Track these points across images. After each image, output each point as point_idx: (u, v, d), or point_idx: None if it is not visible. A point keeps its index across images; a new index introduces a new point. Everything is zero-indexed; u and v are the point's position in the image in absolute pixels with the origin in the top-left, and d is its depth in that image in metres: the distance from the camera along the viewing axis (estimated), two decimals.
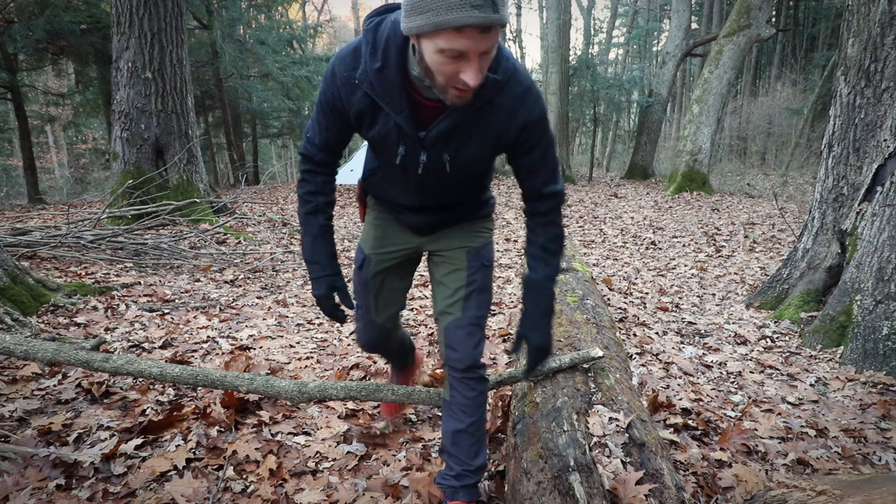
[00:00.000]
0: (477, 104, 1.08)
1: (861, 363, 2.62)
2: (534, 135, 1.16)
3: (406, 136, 1.14)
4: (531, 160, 1.21)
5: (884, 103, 3.05)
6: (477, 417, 1.37)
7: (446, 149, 1.16)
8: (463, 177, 1.26)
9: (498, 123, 1.13)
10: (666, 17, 20.57)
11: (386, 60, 1.05)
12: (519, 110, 1.12)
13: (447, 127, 1.11)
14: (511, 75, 1.09)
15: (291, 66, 12.30)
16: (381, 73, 1.06)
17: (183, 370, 1.83)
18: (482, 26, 0.87)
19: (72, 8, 8.14)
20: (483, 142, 1.16)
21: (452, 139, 1.14)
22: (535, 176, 1.24)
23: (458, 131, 1.13)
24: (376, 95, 1.09)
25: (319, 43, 22.76)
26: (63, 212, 5.82)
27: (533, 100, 1.13)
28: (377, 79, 1.07)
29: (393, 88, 1.07)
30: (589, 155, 16.39)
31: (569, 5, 12.73)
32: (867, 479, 1.12)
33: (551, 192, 1.26)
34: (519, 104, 1.11)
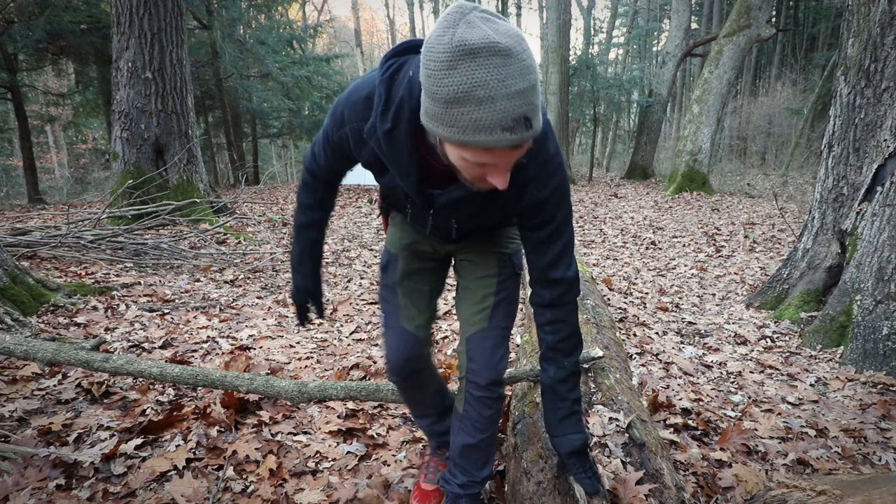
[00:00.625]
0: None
1: (861, 363, 2.62)
2: (544, 211, 1.06)
3: (413, 199, 1.09)
4: (538, 237, 1.09)
5: (884, 103, 3.05)
6: (490, 434, 1.32)
7: (454, 214, 1.12)
8: (475, 232, 1.25)
9: (505, 198, 1.03)
10: (666, 17, 20.57)
11: (396, 122, 0.94)
12: (528, 187, 1.01)
13: (457, 196, 1.03)
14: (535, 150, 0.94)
15: (291, 66, 12.30)
16: (391, 135, 0.96)
17: (183, 370, 1.83)
18: (515, 145, 0.80)
19: (72, 8, 8.14)
20: (493, 211, 1.11)
21: (461, 207, 1.09)
22: (542, 255, 1.11)
23: (468, 202, 1.05)
24: (384, 156, 1.00)
25: (319, 43, 22.77)
26: (63, 212, 5.82)
27: (546, 176, 1.02)
28: (385, 140, 0.97)
29: (402, 153, 0.97)
30: (589, 155, 16.39)
31: (569, 5, 12.73)
32: (867, 479, 1.12)
33: (557, 279, 1.11)
34: (533, 178, 1.01)
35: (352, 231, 6.63)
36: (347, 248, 5.58)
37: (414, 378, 1.37)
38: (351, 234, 6.34)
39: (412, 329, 1.32)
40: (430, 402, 1.48)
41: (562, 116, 12.77)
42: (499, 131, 0.76)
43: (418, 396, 1.46)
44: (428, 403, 1.48)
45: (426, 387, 1.44)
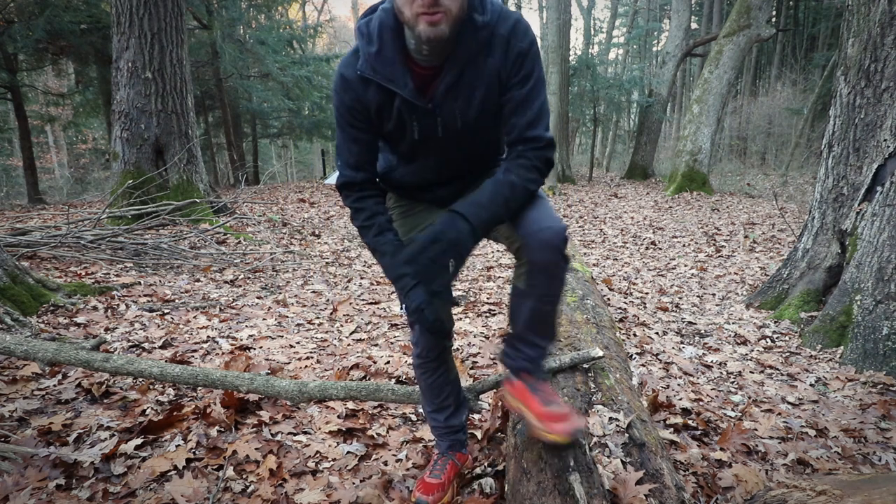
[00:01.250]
0: (473, 49, 1.12)
1: (861, 363, 2.62)
2: (526, 64, 1.15)
3: (416, 108, 1.17)
4: (520, 94, 1.17)
5: (884, 103, 3.05)
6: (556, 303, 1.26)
7: (456, 103, 1.18)
8: (479, 132, 1.25)
9: (496, 61, 1.15)
10: (666, 17, 20.58)
11: (382, 43, 1.12)
12: (512, 40, 1.14)
13: (452, 79, 1.14)
14: (499, 14, 1.13)
15: (291, 66, 12.29)
16: (380, 55, 1.13)
17: (183, 370, 1.83)
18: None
19: (72, 8, 8.13)
20: (489, 86, 1.17)
21: (460, 92, 1.16)
22: (521, 114, 1.18)
23: (463, 82, 1.15)
24: (380, 78, 1.14)
25: (319, 43, 22.76)
26: (63, 212, 5.82)
27: (523, 30, 1.15)
28: (377, 61, 1.13)
29: (394, 65, 1.12)
30: (589, 155, 16.39)
31: (569, 5, 12.73)
32: (867, 479, 1.12)
33: (537, 136, 1.19)
34: (511, 35, 1.14)
35: (352, 231, 6.63)
36: (347, 248, 5.58)
37: (441, 358, 1.45)
38: (351, 234, 6.34)
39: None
40: (450, 389, 1.52)
41: (562, 116, 12.77)
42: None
43: (441, 381, 1.49)
44: (448, 391, 1.51)
45: (449, 371, 1.49)
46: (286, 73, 11.94)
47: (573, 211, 9.05)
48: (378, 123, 1.22)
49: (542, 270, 1.18)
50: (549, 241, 1.14)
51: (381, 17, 1.12)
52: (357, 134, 1.23)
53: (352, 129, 1.22)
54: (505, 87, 1.18)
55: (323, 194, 10.09)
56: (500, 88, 1.18)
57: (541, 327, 1.30)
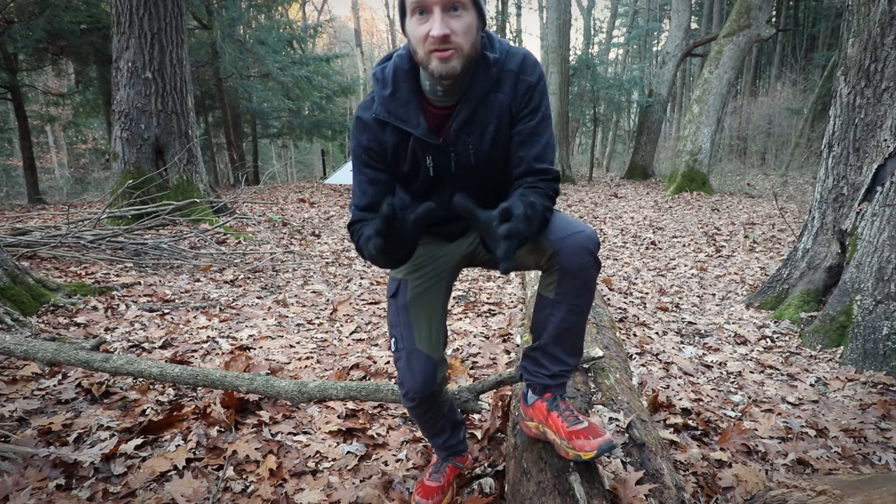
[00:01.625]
0: (485, 86, 1.16)
1: (861, 363, 2.62)
2: (534, 98, 1.18)
3: (430, 146, 1.20)
4: (528, 128, 1.19)
5: (884, 103, 3.05)
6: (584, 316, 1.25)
7: (470, 139, 1.20)
8: (491, 166, 1.25)
9: (506, 96, 1.18)
10: (666, 17, 20.57)
11: (396, 85, 1.17)
12: (521, 75, 1.17)
13: (465, 116, 1.17)
14: (507, 51, 1.18)
15: (291, 66, 12.29)
16: (393, 97, 1.17)
17: (183, 370, 1.83)
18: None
19: (72, 8, 8.13)
20: (500, 121, 1.19)
21: (473, 128, 1.19)
22: (530, 147, 1.20)
23: (476, 119, 1.18)
24: (394, 119, 1.18)
25: (319, 43, 22.76)
26: (63, 212, 5.82)
27: (531, 65, 1.18)
28: (391, 103, 1.18)
29: (407, 106, 1.17)
30: (589, 155, 16.39)
31: (569, 5, 12.73)
32: (867, 479, 1.12)
33: (542, 169, 1.20)
34: (520, 70, 1.17)
35: None
36: (347, 248, 5.58)
37: (430, 401, 1.34)
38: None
39: (427, 350, 1.29)
40: (444, 421, 1.46)
41: (562, 116, 12.77)
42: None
43: (433, 419, 1.42)
44: (443, 422, 1.45)
45: (441, 407, 1.41)
46: (286, 73, 11.94)
47: (573, 211, 9.05)
48: (394, 164, 1.25)
49: (575, 276, 1.17)
50: (583, 245, 1.14)
51: (396, 63, 1.17)
52: (374, 175, 1.24)
53: (369, 169, 1.24)
54: (515, 120, 1.20)
55: (323, 194, 10.09)
56: (510, 123, 1.20)
57: (568, 341, 1.27)
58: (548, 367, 1.30)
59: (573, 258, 1.15)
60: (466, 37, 1.07)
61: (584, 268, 1.15)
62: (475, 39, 1.10)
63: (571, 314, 1.21)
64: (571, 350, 1.29)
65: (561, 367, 1.29)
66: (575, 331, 1.26)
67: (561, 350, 1.28)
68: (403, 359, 1.29)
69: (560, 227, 1.17)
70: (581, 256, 1.14)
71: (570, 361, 1.30)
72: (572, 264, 1.15)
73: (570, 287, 1.18)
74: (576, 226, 1.17)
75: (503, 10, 20.82)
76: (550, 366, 1.29)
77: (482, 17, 1.11)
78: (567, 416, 1.27)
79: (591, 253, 1.15)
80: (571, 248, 1.14)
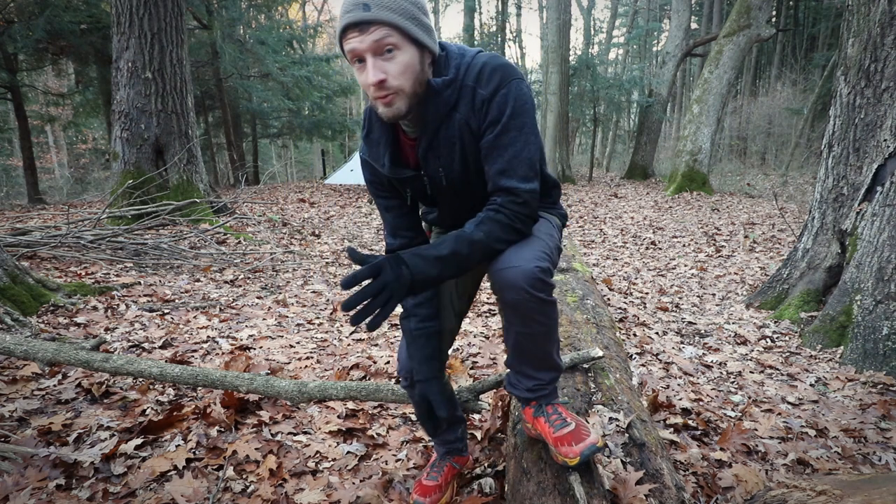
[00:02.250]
0: (442, 110, 1.12)
1: (861, 363, 2.62)
2: (491, 111, 1.10)
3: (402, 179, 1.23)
4: (487, 141, 1.12)
5: (884, 103, 3.05)
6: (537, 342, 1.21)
7: (439, 161, 1.18)
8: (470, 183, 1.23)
9: (463, 114, 1.12)
10: (666, 17, 20.58)
11: (370, 126, 1.21)
12: (477, 88, 1.10)
13: (427, 142, 1.16)
14: (467, 65, 1.11)
15: (291, 66, 12.30)
16: (368, 138, 1.23)
17: (183, 370, 1.83)
18: (355, 24, 1.00)
19: (72, 8, 8.13)
20: (462, 139, 1.14)
21: (439, 151, 1.17)
22: (492, 161, 1.13)
23: (439, 142, 1.16)
24: (371, 159, 1.23)
25: (319, 43, 22.75)
26: (63, 212, 5.82)
27: (487, 76, 1.09)
28: (368, 144, 1.23)
29: (378, 146, 1.21)
30: (589, 155, 16.39)
31: (569, 5, 12.73)
32: (867, 479, 1.12)
33: (509, 188, 1.11)
34: (476, 83, 1.10)
35: (352, 231, 6.63)
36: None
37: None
38: (351, 234, 6.34)
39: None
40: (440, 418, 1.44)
41: (562, 116, 12.77)
42: (344, 18, 1.01)
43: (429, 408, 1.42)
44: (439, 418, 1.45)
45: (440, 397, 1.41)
46: (286, 73, 11.95)
47: (573, 211, 9.05)
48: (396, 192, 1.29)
49: (513, 308, 1.12)
50: (512, 281, 1.07)
51: (370, 103, 1.16)
52: (386, 203, 1.30)
53: (380, 199, 1.30)
54: (479, 135, 1.15)
55: (323, 194, 10.09)
56: (475, 138, 1.15)
57: (531, 361, 1.26)
58: (523, 382, 1.30)
59: (506, 293, 1.10)
60: (404, 76, 1.03)
61: (519, 301, 1.09)
62: (418, 74, 1.05)
63: (524, 339, 1.19)
64: (539, 367, 1.27)
65: (535, 382, 1.29)
66: (534, 353, 1.23)
67: (528, 368, 1.28)
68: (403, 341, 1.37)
69: (502, 257, 1.11)
70: (513, 291, 1.08)
71: (542, 377, 1.28)
72: (507, 298, 1.11)
73: (512, 317, 1.15)
74: (515, 258, 1.09)
75: (503, 10, 20.80)
76: (524, 381, 1.30)
77: (425, 47, 1.06)
78: (554, 420, 1.26)
79: (524, 289, 1.07)
80: (503, 283, 1.09)
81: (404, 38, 1.02)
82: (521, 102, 1.10)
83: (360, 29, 0.99)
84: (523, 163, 1.11)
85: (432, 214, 1.40)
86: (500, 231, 1.11)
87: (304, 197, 9.32)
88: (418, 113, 1.11)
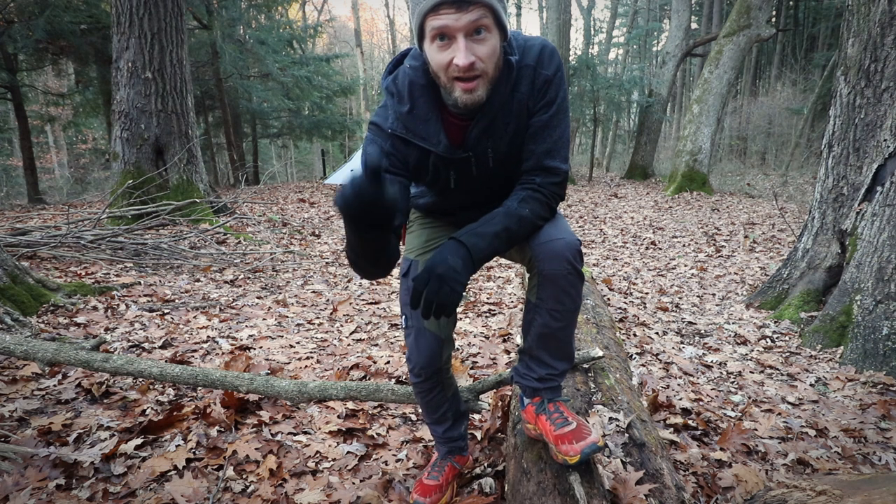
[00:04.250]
0: (505, 92, 1.11)
1: (861, 363, 2.62)
2: (549, 91, 1.13)
3: (452, 160, 1.18)
4: (540, 121, 1.15)
5: (884, 103, 3.05)
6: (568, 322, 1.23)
7: (489, 142, 1.17)
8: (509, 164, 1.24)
9: (523, 94, 1.13)
10: (666, 17, 20.58)
11: (413, 101, 1.13)
12: (538, 69, 1.12)
13: (485, 124, 1.14)
14: (524, 46, 1.12)
15: (291, 66, 12.29)
16: (412, 114, 1.14)
17: (183, 370, 1.83)
18: (453, 1, 0.96)
19: (72, 8, 8.13)
20: (518, 119, 1.16)
21: (493, 132, 1.16)
22: (541, 141, 1.16)
23: (496, 124, 1.15)
24: (414, 137, 1.15)
25: (319, 43, 22.77)
26: (63, 212, 5.82)
27: (549, 56, 1.13)
28: (409, 120, 1.14)
29: (427, 123, 1.14)
30: (589, 155, 16.38)
31: (569, 5, 12.73)
32: (867, 479, 1.12)
33: (554, 168, 1.16)
34: (537, 63, 1.12)
35: None
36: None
37: (435, 378, 1.39)
38: None
39: (434, 329, 1.33)
40: (448, 405, 1.47)
41: None
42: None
43: (437, 399, 1.44)
44: (446, 408, 1.47)
45: (445, 389, 1.44)
46: (286, 73, 11.94)
47: (573, 211, 9.05)
48: (415, 174, 1.22)
49: (552, 282, 1.15)
50: (559, 252, 1.12)
51: (411, 76, 1.12)
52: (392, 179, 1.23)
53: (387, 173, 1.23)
54: (531, 114, 1.16)
55: (323, 194, 10.09)
56: (527, 118, 1.17)
57: (552, 345, 1.26)
58: (535, 370, 1.30)
59: (550, 263, 1.13)
60: (491, 60, 1.03)
61: (560, 274, 1.13)
62: (499, 59, 1.06)
63: (553, 319, 1.20)
64: (557, 355, 1.28)
65: (548, 370, 1.28)
66: (558, 336, 1.24)
67: (546, 354, 1.27)
68: (412, 336, 1.34)
69: (543, 232, 1.16)
70: (557, 262, 1.13)
71: (557, 366, 1.29)
72: (549, 270, 1.14)
73: (549, 292, 1.17)
74: (557, 232, 1.15)
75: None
76: (538, 369, 1.29)
77: (505, 31, 1.06)
78: (555, 418, 1.25)
79: (568, 260, 1.12)
80: (548, 254, 1.13)
81: (495, 21, 1.01)
82: (566, 87, 1.17)
83: (458, 6, 0.96)
84: (565, 144, 1.17)
85: (424, 199, 1.37)
86: (540, 209, 1.16)
87: (304, 197, 9.32)
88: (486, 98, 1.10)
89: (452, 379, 1.50)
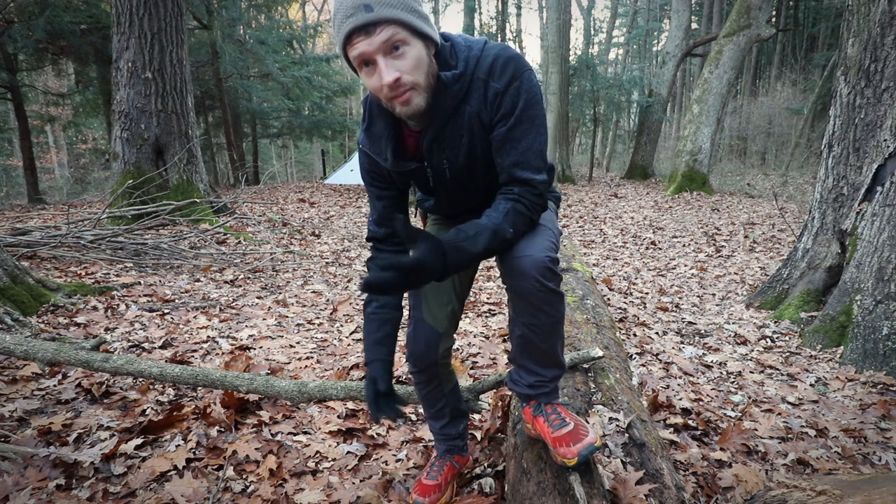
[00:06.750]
0: (450, 104, 1.10)
1: (861, 363, 2.62)
2: (504, 104, 1.09)
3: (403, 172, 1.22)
4: (500, 134, 1.12)
5: (884, 103, 3.05)
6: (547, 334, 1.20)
7: (443, 154, 1.17)
8: (475, 174, 1.23)
9: (474, 107, 1.11)
10: (666, 17, 20.58)
11: (371, 119, 1.18)
12: (489, 81, 1.09)
13: (433, 135, 1.14)
14: (477, 57, 1.09)
15: (291, 66, 12.30)
16: (369, 131, 1.20)
17: (183, 370, 1.83)
18: (360, 27, 0.97)
19: (72, 8, 8.13)
20: (471, 131, 1.14)
21: (445, 144, 1.15)
22: (506, 154, 1.12)
23: (446, 135, 1.15)
24: (371, 151, 1.22)
25: (319, 43, 22.75)
26: (63, 212, 5.82)
27: (500, 68, 1.08)
28: (367, 137, 1.21)
29: (380, 139, 1.18)
30: (589, 155, 16.38)
31: (569, 5, 12.73)
32: (867, 479, 1.12)
33: (524, 179, 1.12)
34: (488, 76, 1.09)
35: (352, 231, 6.63)
36: (347, 248, 5.58)
37: (432, 371, 1.40)
38: (351, 234, 6.34)
39: (432, 322, 1.35)
40: (445, 401, 1.48)
41: (562, 116, 12.77)
42: (344, 20, 0.97)
43: (434, 394, 1.45)
44: (444, 403, 1.48)
45: (443, 384, 1.45)
46: (286, 74, 11.95)
47: (573, 211, 9.05)
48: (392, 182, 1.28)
49: (522, 297, 1.13)
50: (525, 270, 1.08)
51: (371, 96, 1.15)
52: (379, 192, 1.29)
53: (373, 188, 1.29)
54: (490, 128, 1.14)
55: (323, 194, 10.09)
56: (484, 131, 1.14)
57: (535, 356, 1.25)
58: (524, 378, 1.30)
59: (516, 280, 1.11)
60: (418, 71, 1.02)
61: (528, 291, 1.10)
62: (428, 66, 1.05)
63: (530, 332, 1.18)
64: (544, 363, 1.27)
65: (537, 378, 1.28)
66: (541, 347, 1.22)
67: (531, 363, 1.27)
68: (411, 326, 1.38)
69: (515, 247, 1.12)
70: (523, 280, 1.09)
71: (545, 374, 1.28)
72: (516, 286, 1.12)
73: (522, 307, 1.15)
74: (526, 247, 1.11)
75: (503, 10, 20.81)
76: (526, 376, 1.29)
77: (429, 38, 1.05)
78: (553, 420, 1.25)
79: (535, 278, 1.08)
80: (515, 271, 1.10)
81: (410, 32, 1.00)
82: (532, 94, 1.10)
83: (367, 31, 0.96)
84: (536, 154, 1.13)
85: (429, 202, 1.40)
86: (521, 223, 1.13)
87: (304, 197, 9.32)
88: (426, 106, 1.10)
89: (452, 375, 1.50)
